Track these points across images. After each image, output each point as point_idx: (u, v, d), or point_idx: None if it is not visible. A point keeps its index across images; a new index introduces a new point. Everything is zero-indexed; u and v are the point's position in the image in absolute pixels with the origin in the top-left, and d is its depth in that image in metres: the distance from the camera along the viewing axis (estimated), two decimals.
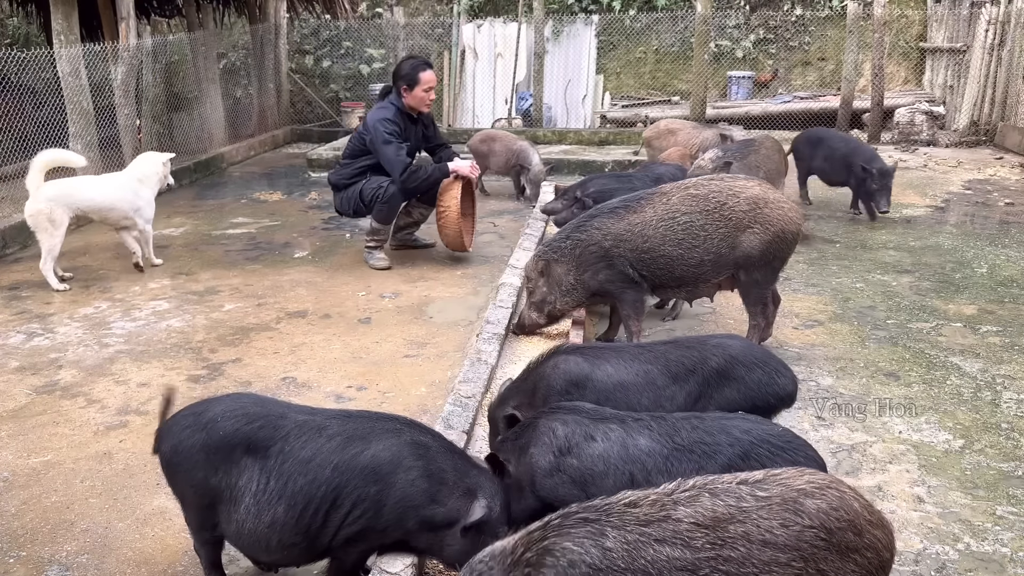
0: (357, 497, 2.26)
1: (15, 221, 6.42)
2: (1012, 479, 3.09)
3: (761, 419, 2.48)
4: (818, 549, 1.74)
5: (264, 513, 2.27)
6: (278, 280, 5.56)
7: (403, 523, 2.28)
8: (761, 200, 3.92)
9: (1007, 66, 10.01)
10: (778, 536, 1.74)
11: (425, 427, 2.46)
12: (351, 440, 2.30)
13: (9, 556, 2.72)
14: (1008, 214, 7.15)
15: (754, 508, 1.77)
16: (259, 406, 2.41)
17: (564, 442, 2.34)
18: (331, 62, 13.45)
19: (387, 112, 5.64)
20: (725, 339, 2.93)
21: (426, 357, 4.27)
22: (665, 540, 1.73)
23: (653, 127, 8.16)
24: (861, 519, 1.79)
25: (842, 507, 1.78)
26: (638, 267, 3.98)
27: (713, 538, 1.73)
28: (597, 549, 1.72)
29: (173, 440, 2.35)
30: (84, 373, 4.13)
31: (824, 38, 12.55)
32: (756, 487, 1.81)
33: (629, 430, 2.35)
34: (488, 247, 6.35)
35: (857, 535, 1.77)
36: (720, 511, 1.76)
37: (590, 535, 1.74)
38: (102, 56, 7.89)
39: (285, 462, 2.28)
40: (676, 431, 2.34)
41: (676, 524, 1.75)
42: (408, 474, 2.27)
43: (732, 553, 1.72)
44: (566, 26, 12.05)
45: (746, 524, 1.74)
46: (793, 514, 1.76)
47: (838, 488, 1.83)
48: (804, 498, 1.78)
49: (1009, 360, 4.14)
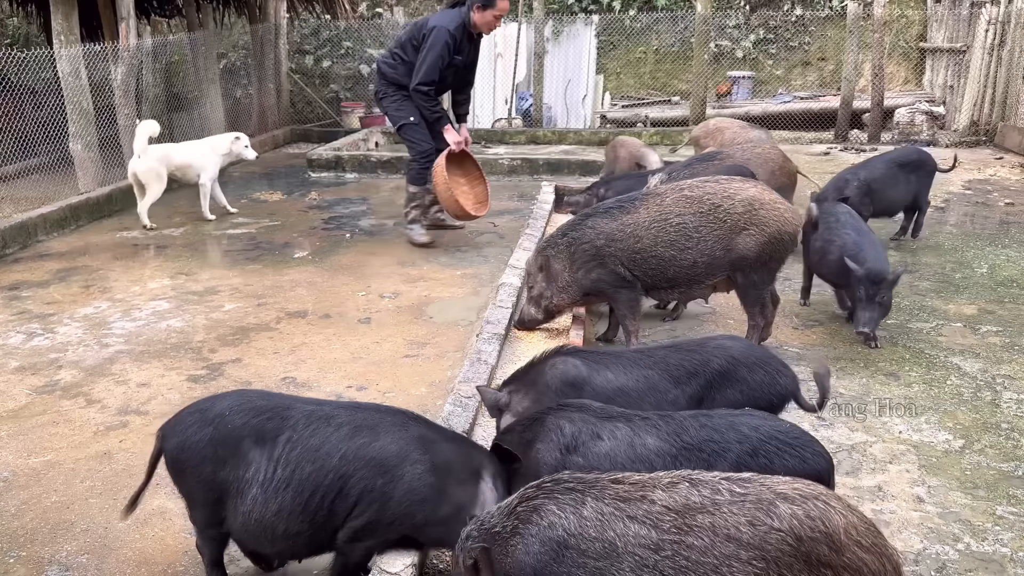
0: (364, 488, 2.28)
1: (15, 221, 6.43)
2: (1012, 479, 3.09)
3: (768, 415, 2.48)
4: (783, 554, 1.73)
5: (271, 501, 2.28)
6: (278, 280, 5.56)
7: (411, 517, 2.29)
8: (757, 202, 3.92)
9: (1007, 66, 10.01)
10: (743, 533, 1.75)
11: (429, 421, 2.50)
12: (359, 430, 2.33)
13: (9, 556, 2.72)
14: (1008, 214, 7.14)
15: (726, 502, 1.79)
16: (265, 399, 2.44)
17: (571, 440, 2.35)
18: (331, 62, 13.45)
19: (454, 24, 5.69)
20: (725, 341, 2.93)
21: (426, 357, 4.27)
22: (636, 518, 1.81)
23: (702, 125, 7.96)
24: (842, 535, 1.74)
25: (821, 518, 1.75)
26: (630, 267, 3.98)
27: (680, 523, 1.78)
28: (575, 516, 1.85)
29: (180, 437, 2.36)
30: (84, 373, 4.13)
31: (824, 38, 12.56)
32: (737, 484, 1.83)
33: (636, 429, 2.35)
34: (488, 247, 6.35)
35: (834, 551, 1.73)
36: (693, 500, 1.81)
37: (572, 503, 1.87)
38: (102, 56, 7.89)
39: (294, 450, 2.30)
40: (684, 430, 2.34)
41: (650, 505, 1.82)
42: (415, 468, 2.29)
43: (695, 541, 1.76)
44: (566, 26, 12.05)
45: (715, 516, 1.78)
46: (764, 514, 1.76)
47: (824, 500, 1.79)
48: (781, 502, 1.78)
49: (1009, 360, 4.14)
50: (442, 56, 5.67)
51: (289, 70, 12.55)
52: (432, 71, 5.71)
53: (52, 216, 6.78)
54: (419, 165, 6.02)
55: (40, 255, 6.21)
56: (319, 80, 13.48)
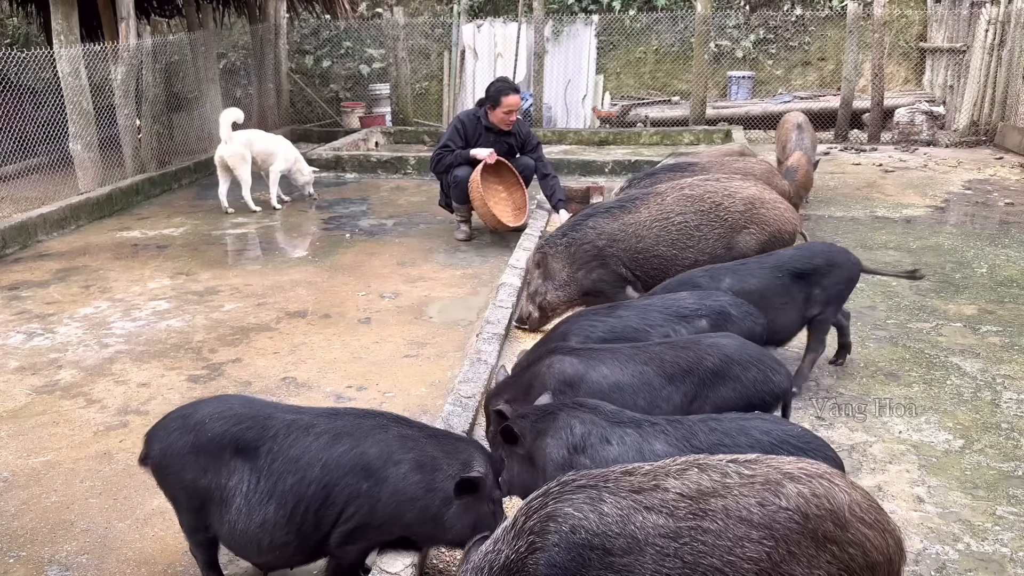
0: (350, 494, 2.27)
1: (15, 221, 6.43)
2: (1012, 479, 3.09)
3: (779, 419, 2.48)
4: (791, 531, 1.78)
5: (255, 513, 2.28)
6: (278, 280, 5.56)
7: (401, 517, 2.29)
8: (757, 200, 3.92)
9: (1007, 66, 10.01)
10: (754, 514, 1.79)
11: (409, 420, 2.48)
12: (338, 437, 2.32)
13: (9, 556, 2.72)
14: (1008, 214, 7.14)
15: (736, 485, 1.83)
16: (246, 407, 2.42)
17: (579, 440, 2.37)
18: (331, 62, 13.45)
19: (466, 115, 6.46)
20: (720, 338, 2.93)
21: (426, 357, 4.27)
22: (652, 508, 1.81)
23: (782, 120, 7.57)
24: (846, 512, 1.80)
25: (826, 496, 1.81)
26: (632, 267, 3.98)
27: (695, 509, 1.81)
28: (595, 514, 1.81)
29: (162, 443, 2.37)
30: (84, 373, 4.13)
31: (824, 38, 12.55)
32: (744, 466, 1.87)
33: (645, 435, 2.36)
34: (488, 247, 6.35)
35: (839, 527, 1.79)
36: (705, 485, 1.84)
37: (589, 500, 1.83)
38: (102, 56, 7.89)
39: (274, 461, 2.29)
40: (693, 434, 2.33)
41: (664, 494, 1.83)
42: (399, 468, 2.29)
43: (711, 525, 1.79)
44: (566, 26, 12.05)
45: (727, 499, 1.81)
46: (772, 495, 1.81)
47: (829, 479, 1.85)
48: (788, 481, 1.83)
49: (1009, 360, 4.13)
50: (450, 139, 6.32)
51: (289, 70, 12.55)
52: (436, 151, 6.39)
53: (52, 216, 6.79)
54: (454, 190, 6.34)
55: (40, 255, 6.22)
56: (319, 80, 13.48)
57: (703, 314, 3.18)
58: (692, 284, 3.55)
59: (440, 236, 6.61)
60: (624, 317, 3.22)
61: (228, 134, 7.27)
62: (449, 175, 6.34)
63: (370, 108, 12.79)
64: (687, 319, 3.16)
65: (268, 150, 7.58)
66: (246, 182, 7.43)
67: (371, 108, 12.78)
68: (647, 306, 3.26)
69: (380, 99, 12.72)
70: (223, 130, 7.25)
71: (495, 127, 6.32)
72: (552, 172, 6.44)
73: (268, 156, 7.58)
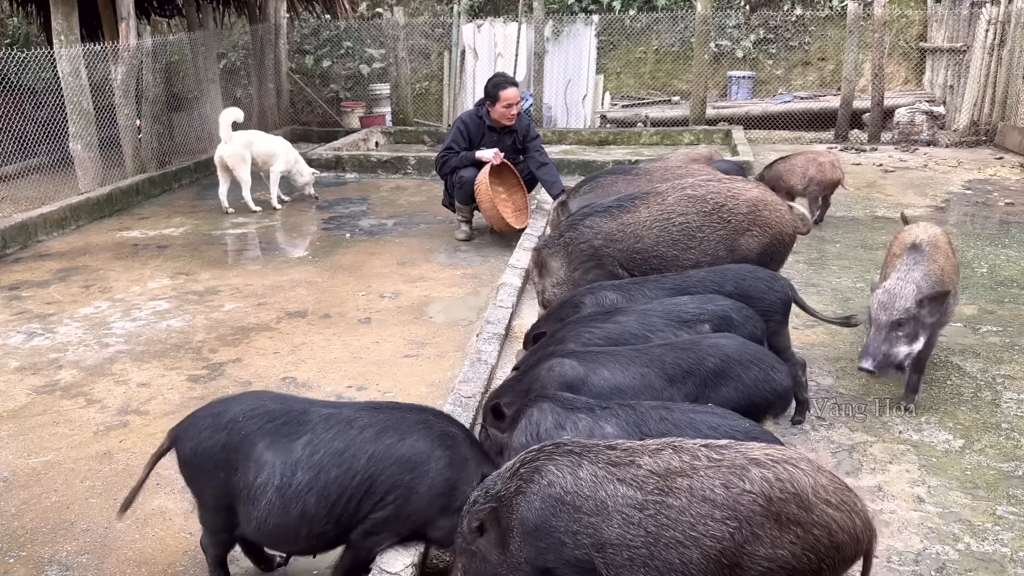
0: (391, 485, 2.33)
1: (15, 221, 6.43)
2: (1012, 479, 3.09)
3: (729, 412, 2.49)
4: (754, 514, 1.90)
5: (292, 506, 2.30)
6: (278, 280, 5.56)
7: (429, 510, 2.36)
8: (760, 202, 3.91)
9: (1007, 66, 10.00)
10: (717, 495, 1.93)
11: (451, 418, 2.58)
12: (385, 431, 2.38)
13: (9, 556, 2.72)
14: (1008, 214, 7.14)
15: (703, 467, 1.99)
16: (280, 403, 2.46)
17: (536, 428, 2.52)
18: (331, 62, 13.45)
19: (468, 115, 6.45)
20: (720, 339, 2.93)
21: (426, 357, 4.27)
22: (624, 480, 2.02)
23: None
24: (810, 495, 1.91)
25: (790, 480, 1.92)
26: (629, 267, 3.95)
27: (662, 485, 1.98)
28: (572, 477, 2.06)
29: (193, 441, 2.37)
30: (84, 373, 4.13)
31: (824, 38, 12.55)
32: (714, 451, 2.02)
33: (596, 419, 2.49)
34: (488, 247, 6.35)
35: (803, 509, 1.90)
36: (674, 465, 2.01)
37: (570, 464, 2.08)
38: (102, 56, 7.89)
39: (315, 454, 2.32)
40: (644, 421, 2.46)
41: (637, 469, 2.03)
42: (439, 463, 2.36)
43: (675, 501, 1.96)
44: (566, 26, 12.05)
45: (692, 479, 1.97)
46: (737, 478, 1.94)
47: (794, 464, 1.96)
48: (753, 466, 1.95)
49: (1009, 360, 4.13)
50: (454, 140, 6.36)
51: (289, 70, 12.55)
52: (441, 152, 6.45)
53: (52, 216, 6.79)
54: (460, 190, 6.38)
55: (40, 255, 6.22)
56: (319, 80, 13.48)
57: (705, 318, 3.18)
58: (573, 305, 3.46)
59: (440, 236, 6.61)
60: (623, 323, 3.23)
61: (228, 134, 7.29)
62: (454, 176, 6.37)
63: (370, 108, 12.79)
64: (689, 324, 3.17)
65: (268, 151, 7.61)
66: (246, 182, 7.43)
67: (371, 108, 12.79)
68: (647, 311, 3.26)
69: (380, 99, 12.72)
70: (223, 130, 7.27)
71: (497, 125, 6.33)
72: (548, 161, 6.52)
73: (268, 157, 7.61)
